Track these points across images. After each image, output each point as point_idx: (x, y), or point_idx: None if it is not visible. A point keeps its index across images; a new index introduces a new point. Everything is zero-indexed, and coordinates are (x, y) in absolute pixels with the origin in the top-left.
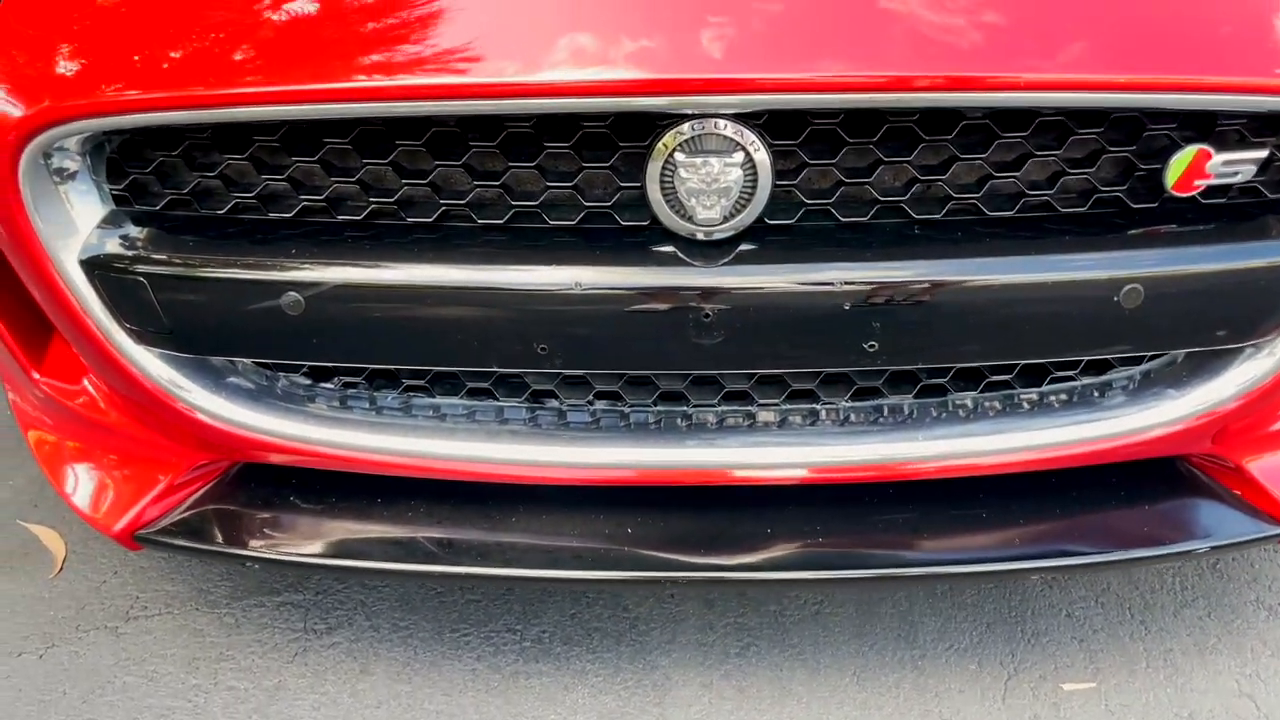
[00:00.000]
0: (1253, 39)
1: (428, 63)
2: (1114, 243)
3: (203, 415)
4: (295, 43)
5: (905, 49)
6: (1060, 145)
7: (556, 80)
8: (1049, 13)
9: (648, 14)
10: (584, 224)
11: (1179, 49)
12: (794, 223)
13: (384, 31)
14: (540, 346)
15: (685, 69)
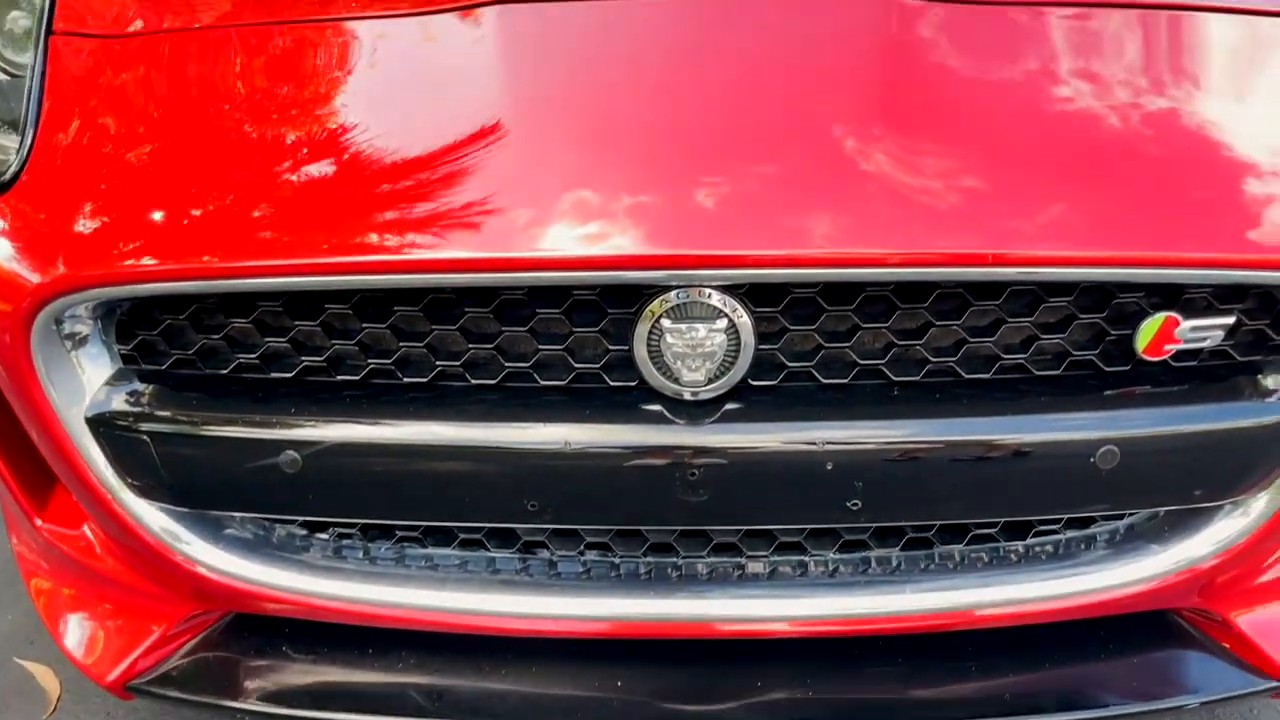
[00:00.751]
0: (1213, 216)
1: (425, 238)
2: (1088, 405)
3: (200, 567)
4: (298, 218)
5: (879, 227)
6: (1032, 312)
7: (548, 255)
8: (1014, 194)
9: (635, 190)
10: (574, 384)
11: (1142, 226)
12: (777, 384)
13: (382, 207)
14: (530, 503)
15: (671, 245)
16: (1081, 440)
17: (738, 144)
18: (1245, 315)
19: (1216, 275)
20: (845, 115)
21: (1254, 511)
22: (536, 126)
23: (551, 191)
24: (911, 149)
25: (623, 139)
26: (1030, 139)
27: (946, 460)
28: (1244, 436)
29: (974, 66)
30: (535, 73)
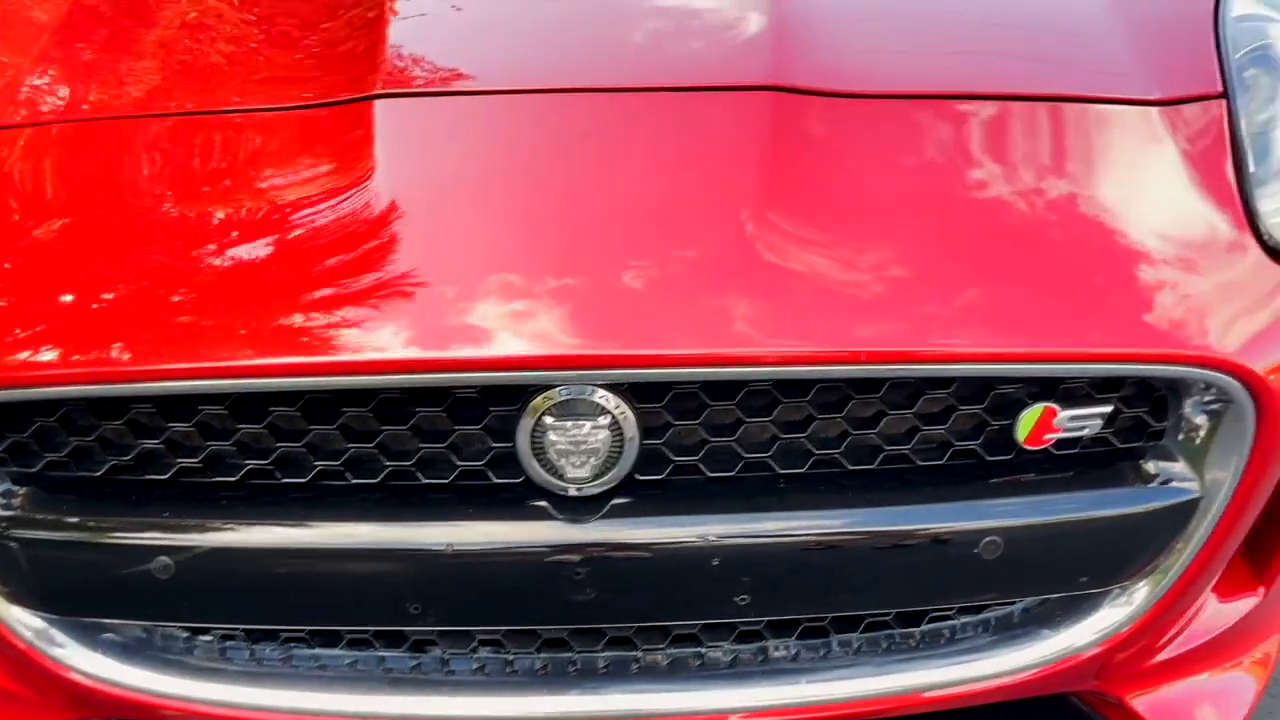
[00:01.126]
0: (1084, 311)
1: (301, 341)
2: (971, 495)
3: (76, 673)
4: (166, 322)
5: (757, 326)
6: (913, 404)
7: (427, 357)
8: (888, 292)
9: (514, 291)
10: (457, 482)
11: (1014, 322)
12: (664, 478)
13: (254, 310)
14: (413, 606)
15: (552, 347)
16: (965, 530)
17: (618, 244)
18: (1124, 403)
19: (1088, 369)
20: (723, 215)
21: (1138, 599)
22: (417, 226)
23: (429, 292)
24: (789, 248)
25: (503, 239)
26: (905, 236)
27: (832, 552)
28: (1127, 523)
29: (852, 164)
30: (416, 171)
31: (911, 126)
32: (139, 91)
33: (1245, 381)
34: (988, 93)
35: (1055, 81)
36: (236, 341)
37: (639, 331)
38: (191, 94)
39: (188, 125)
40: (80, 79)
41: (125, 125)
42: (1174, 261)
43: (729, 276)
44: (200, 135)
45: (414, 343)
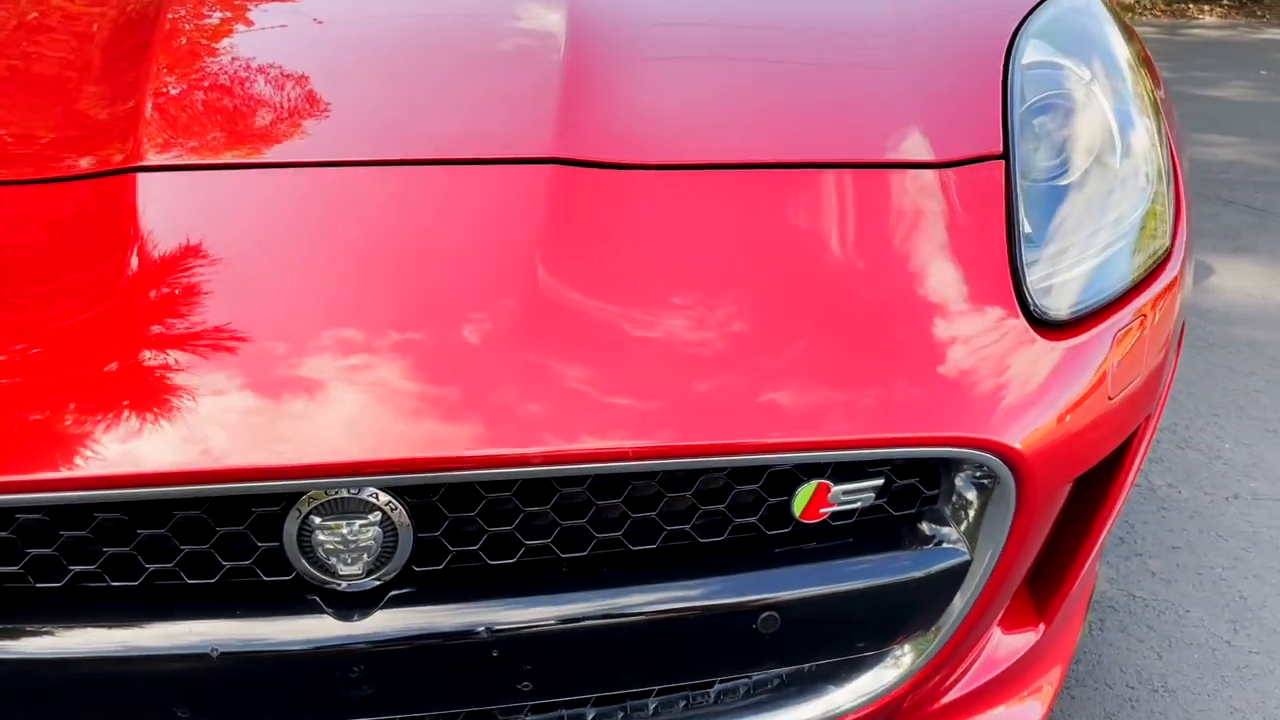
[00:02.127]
0: (853, 397)
1: (40, 455)
2: (747, 569)
3: None
4: None
5: (525, 425)
6: (690, 486)
7: (179, 470)
8: (658, 383)
9: (272, 394)
10: (225, 579)
11: (784, 412)
12: (443, 568)
13: (19, 404)
14: (181, 712)
15: (313, 455)
16: (742, 604)
17: (384, 339)
18: (895, 474)
19: (857, 454)
20: (495, 303)
21: (916, 656)
22: (177, 320)
23: (183, 395)
24: (562, 337)
25: (261, 335)
26: (676, 320)
27: (612, 633)
28: (900, 589)
29: (629, 241)
30: (177, 255)
31: (694, 199)
32: None
33: (1004, 457)
34: (767, 161)
35: (835, 147)
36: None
37: (406, 436)
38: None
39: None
40: None
41: None
42: (941, 339)
43: (499, 371)
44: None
45: (165, 454)
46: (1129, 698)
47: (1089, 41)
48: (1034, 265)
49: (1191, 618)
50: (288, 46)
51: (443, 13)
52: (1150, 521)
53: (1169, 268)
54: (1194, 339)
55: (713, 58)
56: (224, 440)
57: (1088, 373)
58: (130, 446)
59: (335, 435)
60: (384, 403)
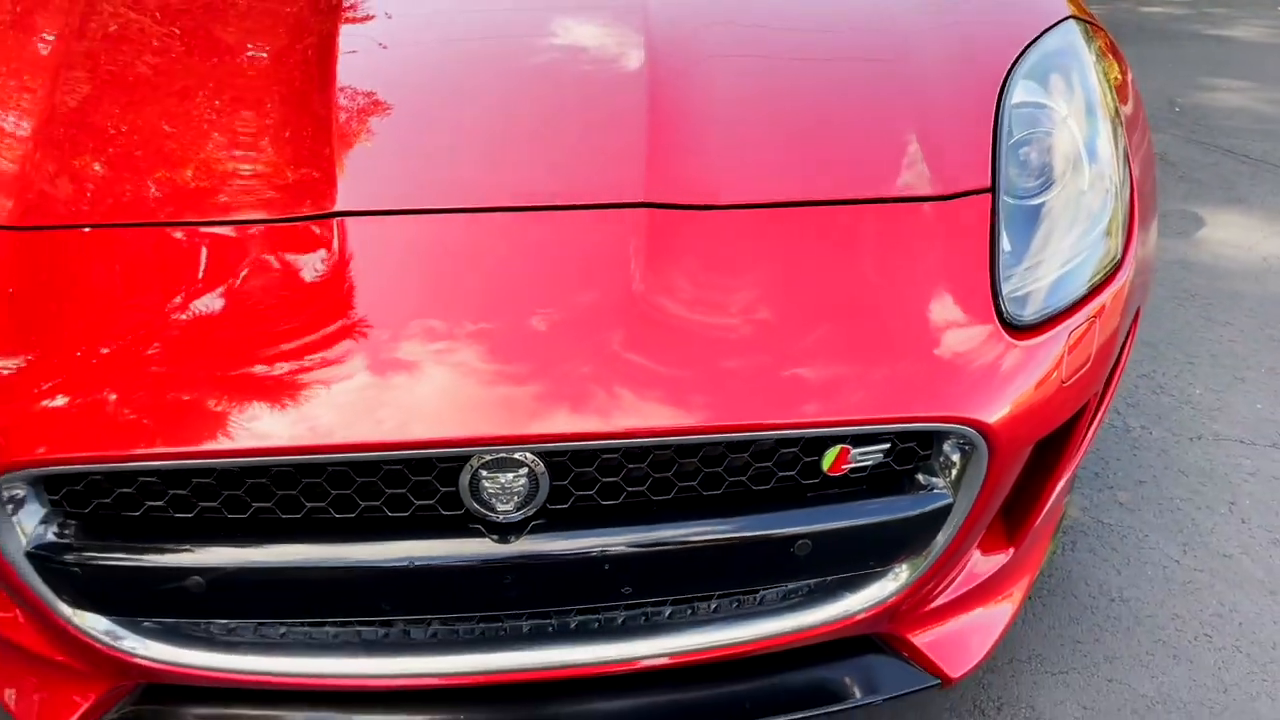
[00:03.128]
0: (871, 388)
1: (298, 428)
2: (787, 509)
3: (124, 653)
4: (185, 413)
5: (631, 409)
6: (748, 450)
7: (396, 439)
8: (732, 376)
9: (452, 385)
10: (415, 515)
11: (822, 399)
12: (569, 507)
13: (249, 398)
14: (385, 605)
15: (481, 428)
16: (783, 536)
17: (531, 349)
18: (899, 440)
19: (872, 429)
20: (609, 319)
21: (910, 572)
22: (381, 334)
23: (389, 384)
24: (659, 343)
25: (448, 349)
26: (746, 328)
27: (689, 554)
28: (900, 523)
29: (706, 267)
30: (371, 282)
31: (757, 235)
32: (126, 198)
33: (979, 430)
34: (803, 199)
35: (856, 187)
36: (238, 428)
37: (552, 415)
38: (175, 204)
39: (168, 235)
40: (75, 182)
41: (110, 235)
42: (934, 342)
43: (610, 369)
44: (190, 243)
45: (383, 427)
46: (1090, 605)
47: (1067, 81)
48: (1009, 279)
49: (1149, 541)
50: (410, 88)
51: (543, 63)
52: (1122, 459)
53: (1118, 277)
54: (1178, 291)
55: (762, 100)
56: (420, 418)
57: (1045, 364)
58: (355, 424)
59: (498, 416)
60: (526, 392)
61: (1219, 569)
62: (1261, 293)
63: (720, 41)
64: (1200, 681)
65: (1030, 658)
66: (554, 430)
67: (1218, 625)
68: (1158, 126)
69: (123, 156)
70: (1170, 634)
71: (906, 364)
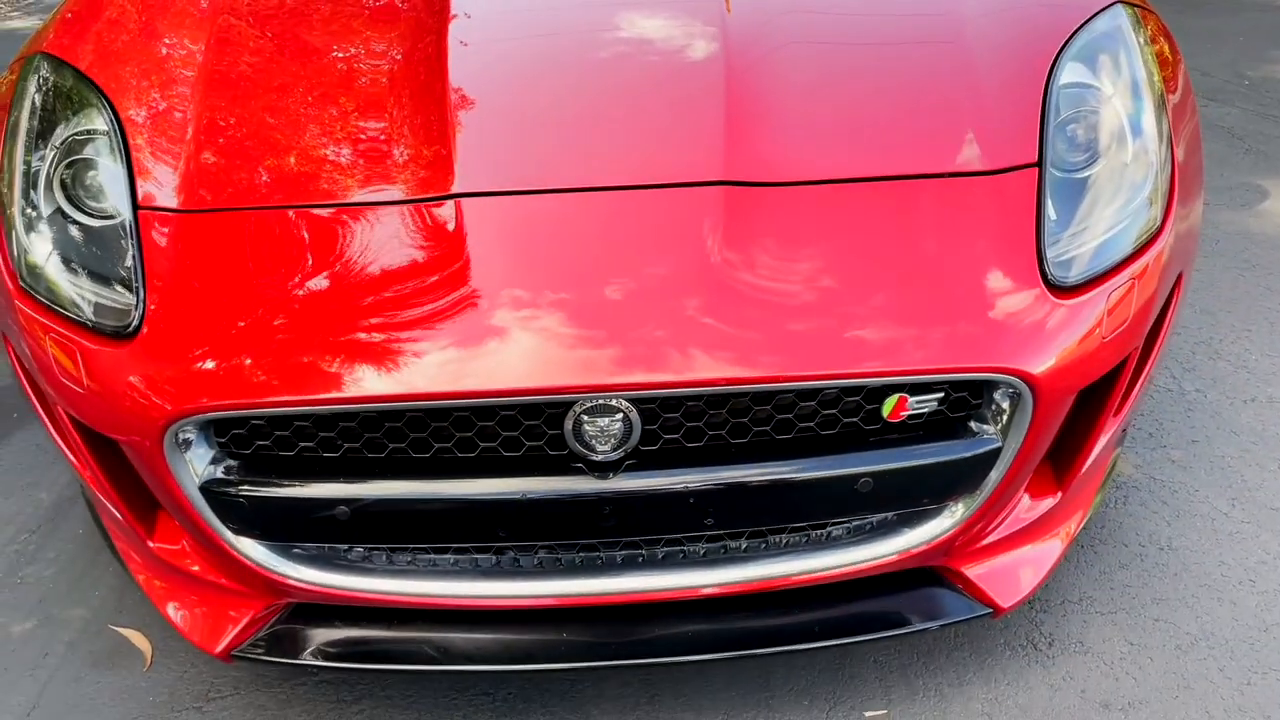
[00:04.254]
0: (930, 343)
1: (432, 374)
2: (852, 451)
3: (278, 575)
4: (328, 363)
5: (711, 360)
6: (815, 398)
7: (500, 388)
8: (806, 332)
9: (560, 341)
10: (527, 454)
11: (886, 352)
12: (658, 448)
13: (389, 354)
14: (502, 532)
15: (588, 377)
16: (848, 474)
17: (630, 311)
18: (952, 389)
19: (930, 379)
20: (693, 285)
21: (963, 510)
22: (496, 300)
23: (502, 341)
24: (739, 306)
25: (550, 311)
26: (817, 293)
27: (766, 491)
28: (954, 465)
29: (781, 239)
30: (486, 257)
31: (823, 208)
32: (273, 185)
33: (1025, 380)
34: (867, 175)
35: (914, 162)
36: (381, 379)
37: (643, 366)
38: (314, 189)
39: (321, 216)
40: (231, 172)
41: (263, 216)
42: (984, 301)
43: (693, 327)
44: (345, 220)
45: (501, 378)
46: (1139, 553)
47: (1113, 63)
48: (1054, 245)
49: (1199, 496)
50: (509, 75)
51: (628, 52)
52: (1177, 420)
53: (1157, 243)
54: (1238, 261)
55: (828, 84)
56: (528, 370)
57: (1087, 322)
58: (474, 375)
59: (595, 367)
60: (618, 347)
61: (1265, 520)
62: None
63: (789, 28)
64: (1242, 621)
65: (1081, 599)
66: (642, 380)
67: (1261, 571)
68: (1227, 100)
69: (270, 149)
70: (1216, 579)
71: (957, 321)
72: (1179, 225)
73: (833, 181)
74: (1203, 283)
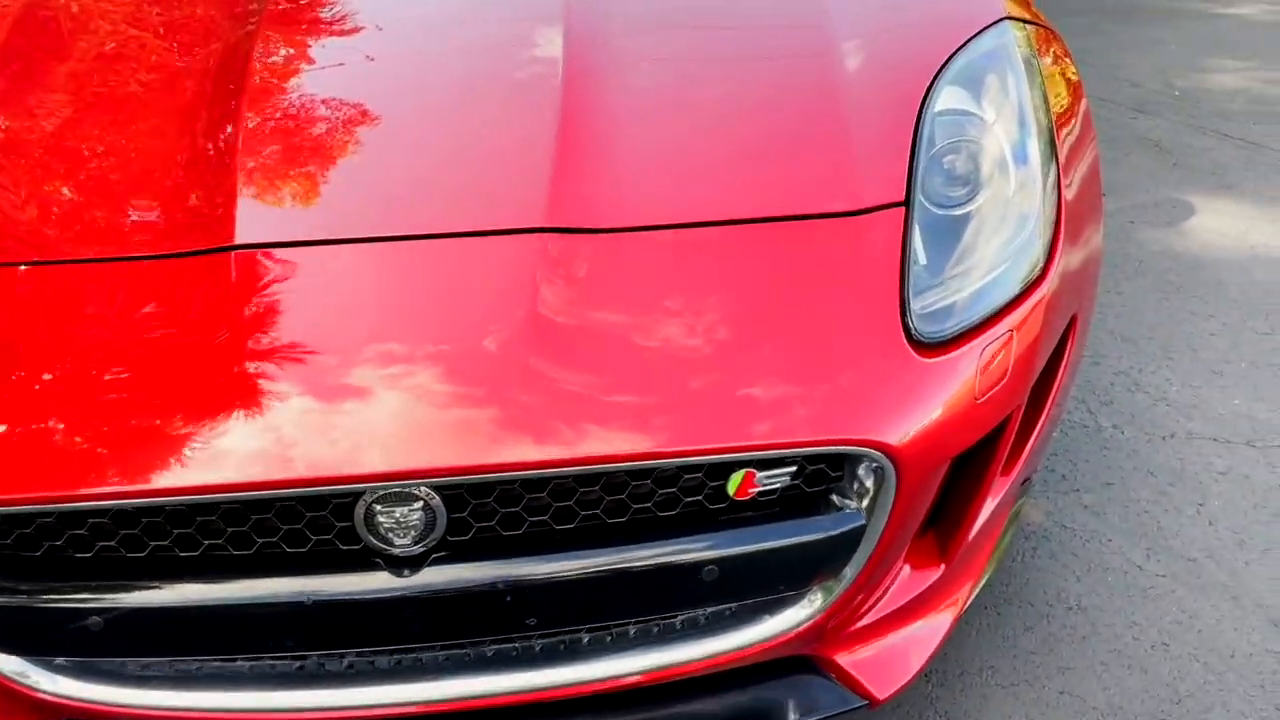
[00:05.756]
0: (777, 413)
1: (191, 469)
2: (694, 534)
3: (36, 690)
4: (74, 452)
5: (527, 441)
6: (650, 476)
7: (272, 479)
8: (633, 405)
9: (346, 422)
10: (316, 549)
11: (725, 424)
12: (472, 538)
13: (148, 444)
14: (289, 640)
15: (365, 465)
16: (691, 561)
17: (422, 385)
18: (807, 462)
19: (780, 454)
20: (499, 352)
21: (829, 594)
22: (271, 372)
23: (275, 421)
24: (554, 375)
25: (335, 383)
26: (645, 358)
27: (594, 584)
28: (813, 546)
29: (602, 294)
30: (265, 316)
31: (660, 257)
32: (18, 235)
33: (886, 453)
34: (711, 219)
35: (767, 204)
36: (146, 474)
37: (440, 448)
38: (67, 240)
39: (62, 273)
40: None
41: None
42: (837, 363)
43: (503, 402)
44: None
45: (267, 468)
46: (1046, 614)
47: (997, 86)
48: (921, 295)
49: (1112, 546)
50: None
51: (453, 81)
52: (1091, 459)
53: (1042, 286)
54: (1162, 283)
55: (677, 113)
56: (307, 456)
57: (957, 382)
58: (241, 463)
59: (385, 451)
60: (414, 426)
61: (1181, 574)
62: (1247, 282)
63: (637, 51)
64: (1154, 693)
65: (982, 669)
66: (441, 464)
67: (1176, 633)
68: (1156, 111)
69: (15, 191)
70: (1127, 643)
71: (807, 387)
72: (1069, 263)
73: (671, 227)
74: (1125, 308)
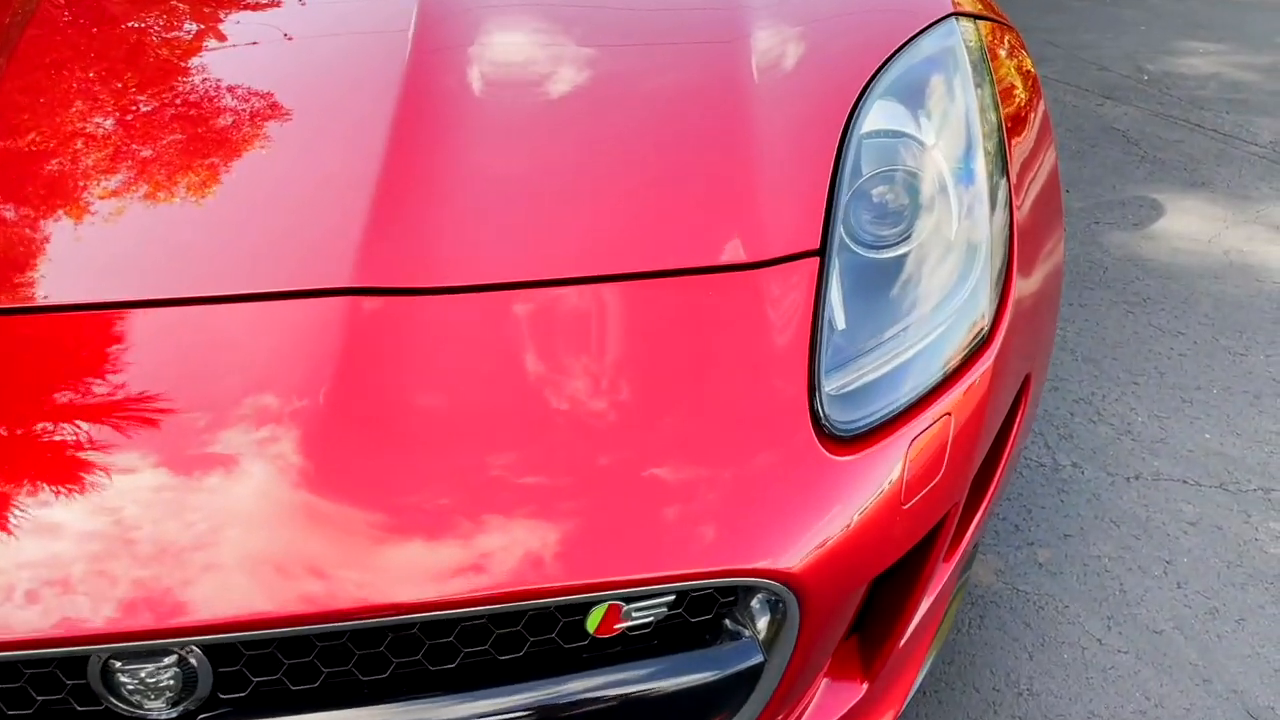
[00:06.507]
0: (649, 539)
1: None
2: (543, 680)
3: None
4: None
5: (288, 589)
6: (482, 616)
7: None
8: (456, 535)
9: (57, 567)
10: (44, 709)
11: (581, 557)
12: (250, 693)
13: None
14: None
15: (84, 626)
16: (543, 708)
17: (153, 507)
18: (682, 593)
19: (654, 589)
20: (269, 466)
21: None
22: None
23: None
24: (324, 490)
25: (47, 527)
26: (477, 466)
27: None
28: (706, 685)
29: (413, 375)
30: None
31: (502, 325)
32: None
33: (785, 582)
34: (565, 276)
35: (645, 254)
36: None
37: (195, 604)
38: None
39: None
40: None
41: None
42: (727, 469)
43: (280, 534)
44: None
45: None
46: (993, 701)
47: (939, 97)
48: (836, 370)
49: (1069, 614)
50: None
51: (265, 112)
52: (1048, 506)
53: (983, 359)
54: (1128, 295)
55: (537, 142)
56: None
57: (877, 486)
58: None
59: (119, 604)
60: (144, 570)
61: (1147, 650)
62: (1220, 293)
63: (497, 60)
64: None
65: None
66: (187, 620)
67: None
68: (1124, 98)
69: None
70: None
71: (679, 501)
72: (1021, 307)
73: (516, 286)
74: (1087, 322)
